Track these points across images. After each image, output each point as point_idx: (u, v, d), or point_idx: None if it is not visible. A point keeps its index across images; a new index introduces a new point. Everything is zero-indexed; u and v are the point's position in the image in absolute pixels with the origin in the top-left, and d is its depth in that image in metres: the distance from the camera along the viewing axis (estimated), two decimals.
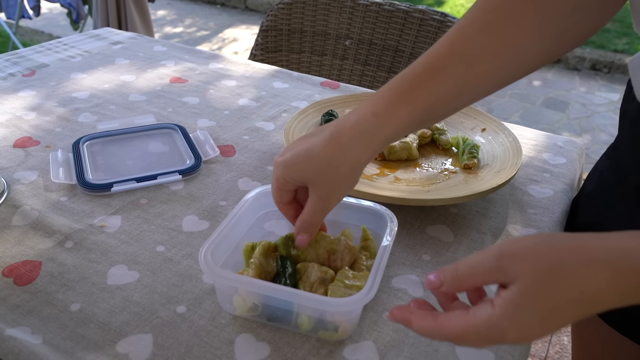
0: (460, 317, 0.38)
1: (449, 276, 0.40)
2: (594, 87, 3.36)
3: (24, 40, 3.96)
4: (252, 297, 0.50)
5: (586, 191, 0.70)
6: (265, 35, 1.40)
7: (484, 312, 0.37)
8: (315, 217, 0.52)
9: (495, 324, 0.36)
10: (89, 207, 0.68)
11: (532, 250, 0.36)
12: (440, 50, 0.48)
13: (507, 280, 0.36)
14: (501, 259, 0.37)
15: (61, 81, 1.02)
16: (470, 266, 0.39)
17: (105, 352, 0.49)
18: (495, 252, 0.37)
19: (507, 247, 0.37)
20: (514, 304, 0.36)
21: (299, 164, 0.49)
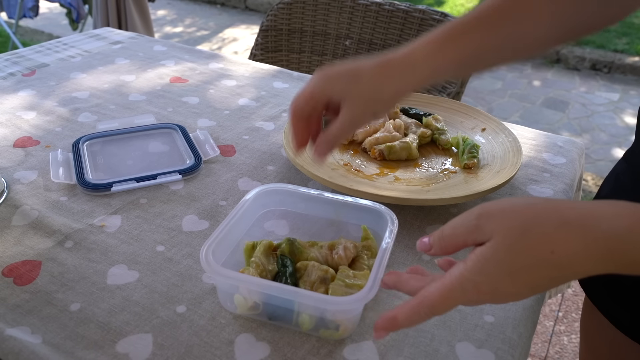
0: (437, 282, 0.39)
1: (436, 238, 0.42)
2: (594, 87, 3.36)
3: (24, 40, 3.96)
4: (253, 295, 0.50)
5: (601, 194, 0.69)
6: (265, 35, 1.40)
7: (457, 270, 0.38)
8: (341, 133, 0.54)
9: (467, 279, 0.37)
10: (88, 207, 0.68)
11: (509, 209, 0.38)
12: (492, 5, 0.51)
13: (484, 238, 0.38)
14: (480, 217, 0.38)
15: (61, 81, 1.02)
16: (453, 227, 0.40)
17: (105, 352, 0.49)
18: (475, 211, 0.39)
19: (487, 206, 0.39)
20: (485, 257, 0.37)
21: (343, 79, 0.52)
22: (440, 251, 0.42)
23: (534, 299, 0.57)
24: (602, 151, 2.59)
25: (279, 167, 0.78)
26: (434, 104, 0.89)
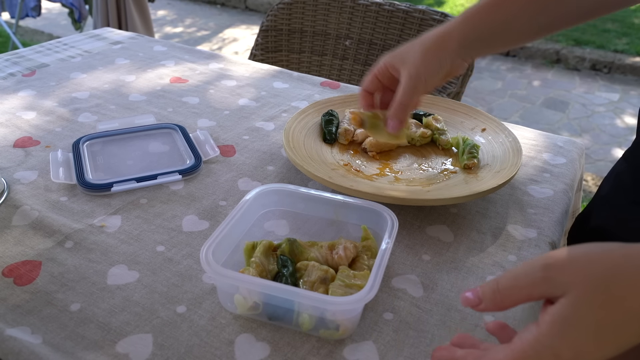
0: (506, 348, 0.34)
1: (488, 291, 0.36)
2: (594, 87, 3.36)
3: (24, 40, 3.96)
4: (253, 295, 0.50)
5: (601, 193, 0.69)
6: (265, 35, 1.40)
7: (530, 335, 0.33)
8: (406, 97, 0.61)
9: (544, 345, 0.32)
10: (89, 207, 0.68)
11: (583, 258, 0.33)
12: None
13: (556, 292, 0.33)
14: (548, 269, 0.33)
15: (61, 81, 1.02)
16: (512, 278, 0.35)
17: (105, 352, 0.49)
18: (541, 262, 0.34)
19: (555, 256, 0.34)
20: (564, 318, 0.32)
21: (402, 52, 0.63)
22: (494, 306, 0.36)
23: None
24: (602, 151, 2.59)
25: (279, 167, 0.78)
26: (434, 104, 0.89)
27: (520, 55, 3.80)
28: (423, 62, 0.60)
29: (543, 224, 0.68)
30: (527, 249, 0.63)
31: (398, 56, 0.63)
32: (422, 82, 0.60)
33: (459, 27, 0.61)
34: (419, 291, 0.57)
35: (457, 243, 0.64)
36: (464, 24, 0.61)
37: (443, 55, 0.61)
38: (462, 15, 0.62)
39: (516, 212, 0.70)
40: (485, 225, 0.67)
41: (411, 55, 0.61)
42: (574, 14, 0.60)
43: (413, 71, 0.60)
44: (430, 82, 0.61)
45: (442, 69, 0.61)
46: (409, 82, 0.60)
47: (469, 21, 0.61)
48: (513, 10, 0.60)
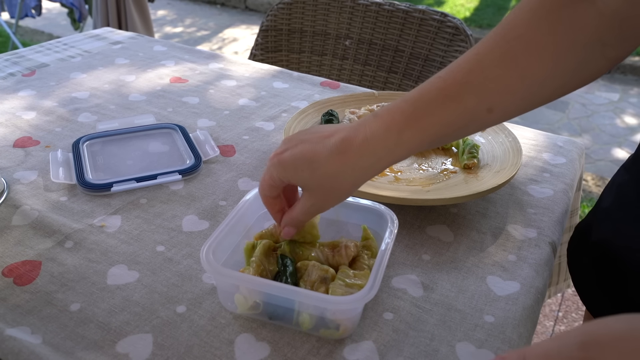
0: None
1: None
2: (594, 87, 3.36)
3: (24, 40, 3.96)
4: (253, 295, 0.50)
5: (603, 206, 0.66)
6: (265, 35, 1.40)
7: None
8: (305, 217, 0.52)
9: None
10: (89, 207, 0.68)
11: (627, 336, 0.30)
12: (457, 77, 0.46)
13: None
14: (587, 347, 0.30)
15: (61, 81, 1.02)
16: (543, 355, 0.31)
17: (105, 352, 0.49)
18: (577, 339, 0.31)
19: (593, 331, 0.31)
20: None
21: (298, 169, 0.48)
22: None
23: (534, 299, 0.57)
24: (602, 151, 2.59)
25: None
26: None
27: None
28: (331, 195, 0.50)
29: (543, 224, 0.68)
30: (527, 249, 0.63)
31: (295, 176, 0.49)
32: (328, 207, 0.52)
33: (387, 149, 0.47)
34: (419, 291, 0.57)
35: (457, 243, 0.64)
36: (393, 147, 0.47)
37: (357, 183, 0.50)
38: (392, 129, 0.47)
39: (516, 212, 0.70)
40: (485, 225, 0.67)
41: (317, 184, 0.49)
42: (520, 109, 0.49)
43: (318, 203, 0.51)
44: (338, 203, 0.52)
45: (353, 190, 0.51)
46: (311, 209, 0.51)
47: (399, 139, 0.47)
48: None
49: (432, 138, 0.47)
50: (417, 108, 0.47)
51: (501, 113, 0.48)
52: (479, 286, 0.58)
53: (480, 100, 0.46)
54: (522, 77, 0.46)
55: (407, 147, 0.47)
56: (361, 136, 0.47)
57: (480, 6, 4.67)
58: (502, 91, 0.46)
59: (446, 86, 0.46)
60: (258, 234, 0.57)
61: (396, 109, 0.47)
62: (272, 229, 0.58)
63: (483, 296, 0.56)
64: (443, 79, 0.47)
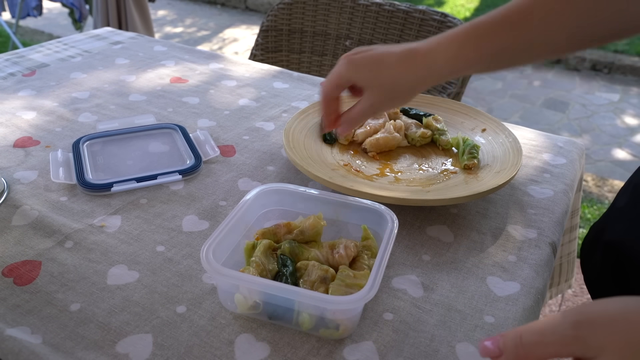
0: None
1: (510, 344, 0.34)
2: (594, 88, 3.36)
3: (24, 40, 3.96)
4: (253, 295, 0.50)
5: (617, 206, 0.66)
6: (266, 35, 1.40)
7: None
8: (362, 117, 0.59)
9: None
10: (89, 207, 0.68)
11: (620, 316, 0.31)
12: (522, 7, 0.51)
13: (589, 353, 0.31)
14: (580, 326, 0.31)
15: (61, 81, 1.02)
16: (539, 333, 0.33)
17: (105, 352, 0.49)
18: (571, 318, 0.32)
19: (586, 312, 0.32)
20: None
21: (366, 68, 0.55)
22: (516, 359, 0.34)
23: (534, 300, 0.57)
24: (602, 152, 2.59)
25: (279, 167, 0.78)
26: (434, 105, 0.89)
27: None
28: (391, 95, 0.56)
29: (543, 225, 0.68)
30: (527, 249, 0.63)
31: (364, 73, 0.56)
32: (384, 110, 0.60)
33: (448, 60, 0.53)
34: (419, 291, 0.57)
35: (457, 243, 0.64)
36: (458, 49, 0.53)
37: (416, 89, 0.56)
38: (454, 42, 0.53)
39: (516, 212, 0.70)
40: (485, 226, 0.67)
41: (380, 81, 0.55)
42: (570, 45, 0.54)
43: (377, 104, 0.57)
44: (393, 108, 0.60)
45: (411, 98, 0.57)
46: (369, 110, 0.58)
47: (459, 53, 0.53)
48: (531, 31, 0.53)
49: (490, 58, 0.52)
50: (479, 28, 0.52)
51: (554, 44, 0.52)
52: (479, 287, 0.58)
53: (535, 27, 0.51)
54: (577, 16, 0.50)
55: (465, 61, 0.53)
56: (425, 48, 0.54)
57: (480, 6, 4.67)
58: (555, 21, 0.51)
59: (511, 14, 0.52)
60: (259, 231, 0.57)
61: (461, 28, 0.53)
62: (274, 228, 0.58)
63: (483, 297, 0.56)
64: (509, 8, 0.52)
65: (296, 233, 0.57)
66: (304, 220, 0.58)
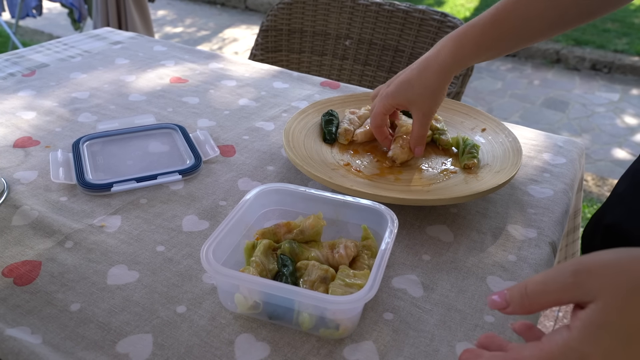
0: (533, 346, 0.35)
1: (516, 295, 0.36)
2: (594, 87, 3.36)
3: (24, 40, 3.96)
4: (253, 295, 0.50)
5: (618, 191, 0.69)
6: (265, 35, 1.40)
7: (560, 337, 0.33)
8: (423, 129, 0.72)
9: (574, 349, 0.33)
10: (89, 207, 0.68)
11: (613, 263, 0.33)
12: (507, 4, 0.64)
13: (586, 297, 0.33)
14: (578, 274, 0.34)
15: (61, 81, 1.02)
16: (542, 282, 0.35)
17: (105, 352, 0.49)
18: (570, 267, 0.34)
19: (584, 261, 0.34)
20: (595, 324, 0.32)
21: (403, 91, 0.70)
22: (521, 310, 0.37)
23: None
24: (602, 151, 2.59)
25: (279, 167, 0.78)
26: None
27: (520, 55, 3.81)
28: (430, 99, 0.69)
29: (543, 224, 0.68)
30: (527, 249, 0.63)
31: (402, 96, 0.70)
32: (432, 115, 0.71)
33: (456, 52, 0.66)
34: (419, 291, 0.57)
35: (457, 243, 0.64)
36: (461, 48, 0.66)
37: (444, 85, 0.69)
38: (461, 38, 0.66)
39: (516, 212, 0.70)
40: (485, 225, 0.67)
41: (417, 94, 0.69)
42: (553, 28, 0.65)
43: (426, 110, 0.70)
44: (436, 111, 0.72)
45: (444, 95, 0.70)
46: (423, 120, 0.71)
47: (466, 45, 0.66)
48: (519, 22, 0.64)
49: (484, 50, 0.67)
50: (475, 27, 0.65)
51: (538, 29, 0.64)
52: (479, 286, 0.58)
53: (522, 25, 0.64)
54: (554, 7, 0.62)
55: (468, 62, 0.67)
56: (434, 52, 0.68)
57: (480, 6, 4.67)
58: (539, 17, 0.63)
59: (498, 12, 0.64)
60: (259, 231, 0.57)
61: (460, 29, 0.66)
62: (274, 228, 0.58)
63: (483, 296, 0.56)
64: (497, 7, 0.64)
65: (296, 233, 0.57)
66: (304, 220, 0.58)
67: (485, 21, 0.65)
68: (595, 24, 4.16)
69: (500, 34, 0.65)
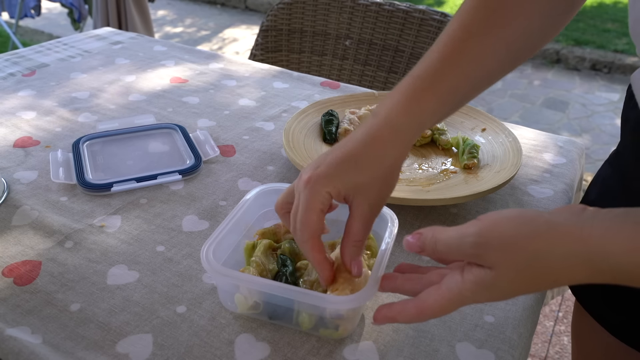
0: (435, 294, 0.40)
1: (429, 248, 0.41)
2: (594, 87, 3.36)
3: (24, 40, 3.96)
4: (253, 295, 0.50)
5: (590, 198, 0.69)
6: (265, 35, 1.40)
7: (455, 285, 0.39)
8: (367, 230, 0.47)
9: (466, 296, 0.39)
10: (89, 207, 0.68)
11: (510, 242, 0.37)
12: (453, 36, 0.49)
13: (484, 264, 0.38)
14: (477, 247, 0.37)
15: (61, 81, 1.02)
16: (447, 245, 0.40)
17: (105, 352, 0.49)
18: (472, 239, 0.38)
19: (485, 234, 0.37)
20: (485, 285, 0.38)
21: (345, 172, 0.45)
22: (433, 258, 0.43)
23: (534, 299, 0.57)
24: (602, 151, 2.59)
25: (279, 167, 0.78)
26: None
27: None
28: (385, 183, 0.47)
29: None
30: None
31: (342, 181, 0.45)
32: (381, 209, 0.49)
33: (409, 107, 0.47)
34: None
35: None
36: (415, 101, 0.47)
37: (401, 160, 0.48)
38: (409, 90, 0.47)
39: None
40: None
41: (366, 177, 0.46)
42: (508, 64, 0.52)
43: (374, 200, 0.47)
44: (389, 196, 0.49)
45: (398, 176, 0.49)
46: (369, 215, 0.47)
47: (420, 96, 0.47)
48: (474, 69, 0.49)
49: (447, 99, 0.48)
50: (424, 79, 0.47)
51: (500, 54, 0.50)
52: None
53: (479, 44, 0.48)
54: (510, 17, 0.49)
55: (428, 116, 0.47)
56: (383, 120, 0.46)
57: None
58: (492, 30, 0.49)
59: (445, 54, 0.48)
60: (260, 230, 0.57)
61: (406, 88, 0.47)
62: (274, 228, 0.58)
63: None
64: (436, 49, 0.49)
65: None
66: None
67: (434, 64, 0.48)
68: (595, 24, 4.16)
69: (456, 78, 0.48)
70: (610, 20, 4.26)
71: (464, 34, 0.49)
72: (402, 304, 0.41)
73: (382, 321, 0.42)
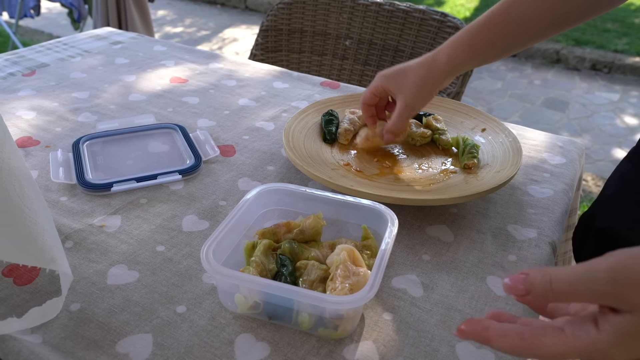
0: (555, 336, 0.33)
1: (540, 289, 0.33)
2: (594, 87, 3.36)
3: (24, 40, 3.96)
4: (253, 295, 0.50)
5: (606, 194, 0.69)
6: (265, 35, 1.40)
7: (587, 336, 0.32)
8: (401, 121, 0.72)
9: (600, 350, 0.32)
10: (89, 207, 0.68)
11: None
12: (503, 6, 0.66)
13: (622, 307, 0.31)
14: (616, 284, 0.31)
15: (61, 81, 1.02)
16: (571, 284, 0.32)
17: (105, 352, 0.49)
18: (607, 274, 0.31)
19: (623, 269, 0.31)
20: (627, 334, 0.31)
21: (396, 77, 0.71)
22: (543, 302, 0.36)
23: None
24: (602, 151, 2.59)
25: (279, 167, 0.78)
26: (434, 104, 0.89)
27: (520, 55, 3.80)
28: (418, 93, 0.70)
29: (543, 224, 0.68)
30: (527, 249, 0.63)
31: (394, 81, 0.71)
32: (415, 109, 0.71)
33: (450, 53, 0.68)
34: (419, 291, 0.57)
35: (457, 243, 0.64)
36: (454, 50, 0.68)
37: (435, 85, 0.70)
38: (455, 41, 0.68)
39: (516, 212, 0.70)
40: (485, 225, 0.67)
41: (407, 84, 0.70)
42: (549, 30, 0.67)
43: (409, 102, 0.70)
44: (421, 108, 0.72)
45: (432, 95, 0.71)
46: (404, 111, 0.71)
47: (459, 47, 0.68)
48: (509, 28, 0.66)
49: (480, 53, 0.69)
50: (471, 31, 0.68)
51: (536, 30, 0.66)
52: (479, 286, 0.58)
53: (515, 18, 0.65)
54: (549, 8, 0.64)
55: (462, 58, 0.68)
56: (435, 52, 0.70)
57: (480, 6, 4.67)
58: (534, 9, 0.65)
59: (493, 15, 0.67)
60: (260, 230, 0.57)
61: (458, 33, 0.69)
62: (274, 228, 0.58)
63: (483, 296, 0.56)
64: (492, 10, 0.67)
65: (296, 233, 0.57)
66: (304, 219, 0.58)
67: (479, 25, 0.67)
68: (595, 24, 4.16)
69: (494, 36, 0.67)
70: (610, 20, 4.26)
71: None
72: (503, 327, 0.35)
73: (470, 336, 0.35)
